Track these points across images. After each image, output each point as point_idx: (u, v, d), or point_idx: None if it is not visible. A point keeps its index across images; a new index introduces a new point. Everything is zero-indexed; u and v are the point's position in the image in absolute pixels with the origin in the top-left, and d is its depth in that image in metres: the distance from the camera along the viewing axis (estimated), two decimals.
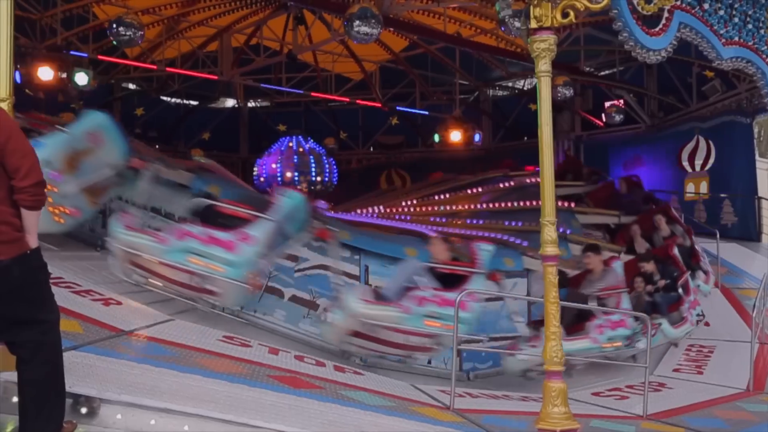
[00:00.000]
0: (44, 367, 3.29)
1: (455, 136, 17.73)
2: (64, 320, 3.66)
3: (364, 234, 8.30)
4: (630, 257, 9.64)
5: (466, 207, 11.25)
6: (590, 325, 7.55)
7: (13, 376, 3.41)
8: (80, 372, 4.11)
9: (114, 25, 11.71)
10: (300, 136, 17.62)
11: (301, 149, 17.18)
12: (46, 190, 3.36)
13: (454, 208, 11.33)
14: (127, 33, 11.68)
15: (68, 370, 3.50)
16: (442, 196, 11.94)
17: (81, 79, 13.40)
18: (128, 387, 4.09)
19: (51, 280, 3.51)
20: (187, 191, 7.69)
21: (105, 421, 3.84)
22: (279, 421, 4.15)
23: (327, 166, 17.31)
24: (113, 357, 4.63)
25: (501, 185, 11.90)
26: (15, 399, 3.42)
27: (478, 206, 11.14)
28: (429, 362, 7.95)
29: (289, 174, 16.86)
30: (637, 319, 7.94)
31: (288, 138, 17.66)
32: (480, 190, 11.88)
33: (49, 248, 6.87)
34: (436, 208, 11.30)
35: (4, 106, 3.98)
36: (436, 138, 18.20)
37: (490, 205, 11.02)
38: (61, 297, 5.04)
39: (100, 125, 6.97)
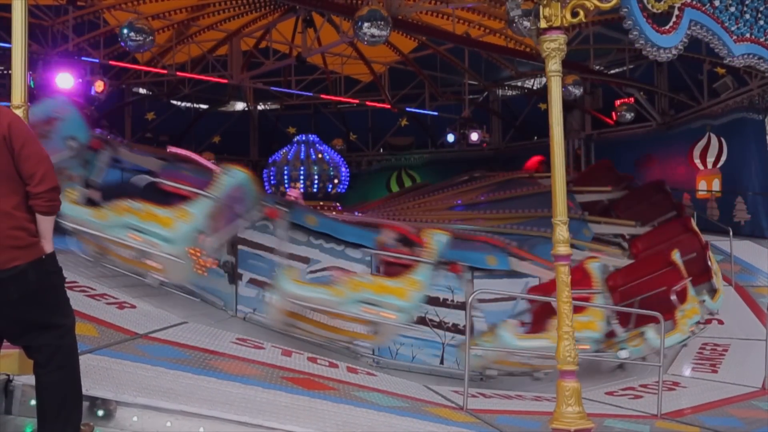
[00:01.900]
0: (61, 370, 3.33)
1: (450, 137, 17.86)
2: (79, 324, 3.69)
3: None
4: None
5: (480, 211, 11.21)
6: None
7: (30, 379, 3.45)
8: (96, 375, 4.15)
9: (125, 31, 11.80)
10: (311, 135, 17.67)
11: (309, 155, 17.19)
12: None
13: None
14: (138, 38, 11.77)
15: (84, 373, 3.54)
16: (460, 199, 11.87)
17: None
18: (144, 389, 4.12)
19: (66, 284, 3.55)
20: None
21: (121, 423, 3.87)
22: (293, 423, 4.17)
23: (304, 169, 17.22)
24: (128, 360, 4.66)
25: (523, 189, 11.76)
26: (33, 402, 3.46)
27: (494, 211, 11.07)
28: (441, 362, 7.96)
29: (295, 178, 16.91)
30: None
31: (297, 141, 17.71)
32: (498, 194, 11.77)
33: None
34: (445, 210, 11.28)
35: (19, 112, 4.02)
36: (451, 138, 18.11)
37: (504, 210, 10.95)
38: (76, 301, 5.07)
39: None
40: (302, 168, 17.03)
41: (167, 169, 7.52)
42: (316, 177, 17.00)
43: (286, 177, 17.03)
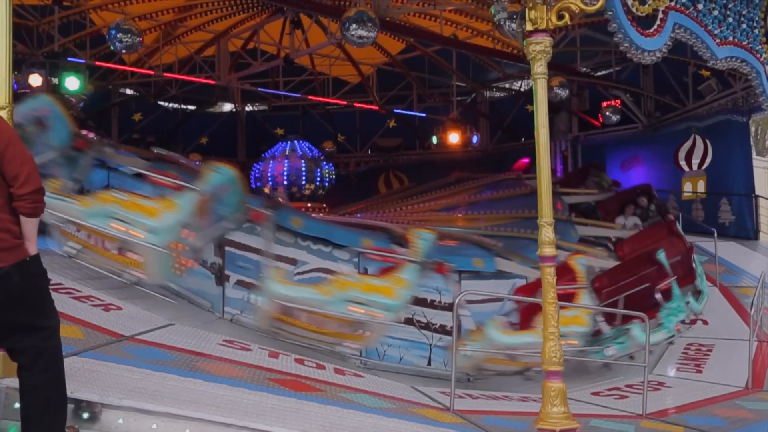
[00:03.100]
0: (45, 373, 3.31)
1: (453, 137, 17.86)
2: (64, 326, 3.67)
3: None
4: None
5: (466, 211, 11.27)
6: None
7: (14, 382, 3.43)
8: (81, 377, 4.13)
9: (112, 32, 11.74)
10: (297, 141, 17.62)
11: (295, 155, 17.12)
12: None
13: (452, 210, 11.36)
14: (126, 39, 11.72)
15: (69, 376, 3.52)
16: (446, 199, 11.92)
17: (72, 83, 12.46)
18: (129, 392, 4.11)
19: (51, 286, 3.53)
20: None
21: (107, 426, 3.86)
22: (280, 424, 4.17)
23: (319, 171, 17.15)
24: (114, 362, 4.64)
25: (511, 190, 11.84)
26: (17, 405, 3.44)
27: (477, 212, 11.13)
28: (429, 363, 7.97)
29: (281, 179, 16.84)
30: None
31: (284, 143, 17.65)
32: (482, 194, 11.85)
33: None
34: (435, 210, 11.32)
35: (4, 113, 4.00)
36: (434, 140, 18.23)
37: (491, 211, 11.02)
38: (62, 303, 5.05)
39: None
40: (270, 171, 16.97)
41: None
42: (284, 178, 16.92)
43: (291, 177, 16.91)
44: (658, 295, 8.43)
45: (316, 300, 6.65)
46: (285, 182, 16.73)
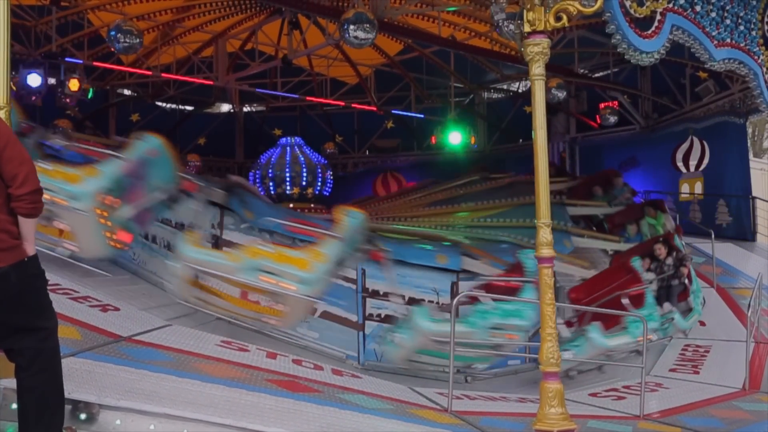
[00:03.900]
0: (43, 374, 3.31)
1: (455, 138, 17.84)
2: (62, 327, 3.67)
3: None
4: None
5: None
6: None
7: (12, 383, 3.43)
8: (79, 378, 4.13)
9: (113, 33, 11.75)
10: (297, 139, 17.61)
11: (294, 156, 17.09)
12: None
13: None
14: (126, 40, 11.74)
15: (67, 377, 3.52)
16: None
17: (73, 85, 13.52)
18: (127, 392, 4.10)
19: (49, 287, 3.53)
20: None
21: (104, 427, 3.86)
22: (278, 425, 4.17)
23: (321, 174, 17.13)
24: (112, 363, 4.64)
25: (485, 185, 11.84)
26: (14, 405, 3.44)
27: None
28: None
29: (281, 181, 16.81)
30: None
31: (282, 143, 17.63)
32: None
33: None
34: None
35: (2, 114, 4.00)
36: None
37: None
38: (59, 303, 5.05)
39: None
40: (287, 169, 16.91)
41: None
42: (301, 178, 16.89)
43: (270, 178, 16.89)
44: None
45: None
46: (303, 182, 16.70)
